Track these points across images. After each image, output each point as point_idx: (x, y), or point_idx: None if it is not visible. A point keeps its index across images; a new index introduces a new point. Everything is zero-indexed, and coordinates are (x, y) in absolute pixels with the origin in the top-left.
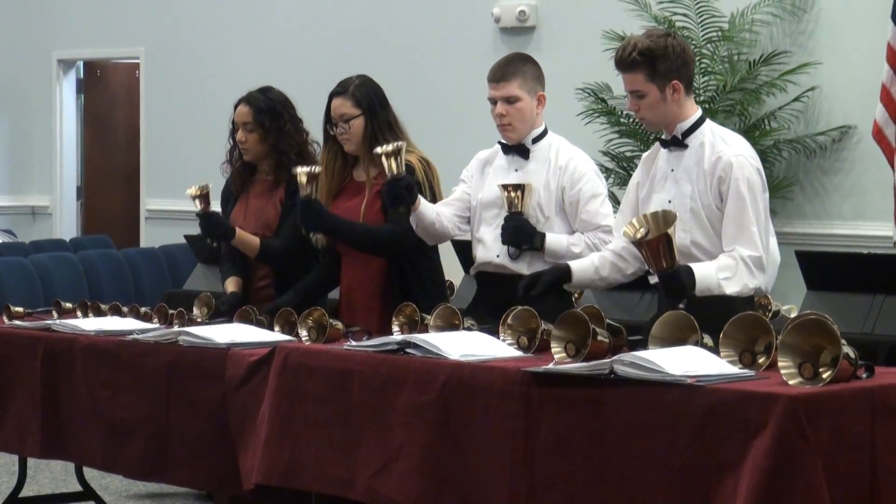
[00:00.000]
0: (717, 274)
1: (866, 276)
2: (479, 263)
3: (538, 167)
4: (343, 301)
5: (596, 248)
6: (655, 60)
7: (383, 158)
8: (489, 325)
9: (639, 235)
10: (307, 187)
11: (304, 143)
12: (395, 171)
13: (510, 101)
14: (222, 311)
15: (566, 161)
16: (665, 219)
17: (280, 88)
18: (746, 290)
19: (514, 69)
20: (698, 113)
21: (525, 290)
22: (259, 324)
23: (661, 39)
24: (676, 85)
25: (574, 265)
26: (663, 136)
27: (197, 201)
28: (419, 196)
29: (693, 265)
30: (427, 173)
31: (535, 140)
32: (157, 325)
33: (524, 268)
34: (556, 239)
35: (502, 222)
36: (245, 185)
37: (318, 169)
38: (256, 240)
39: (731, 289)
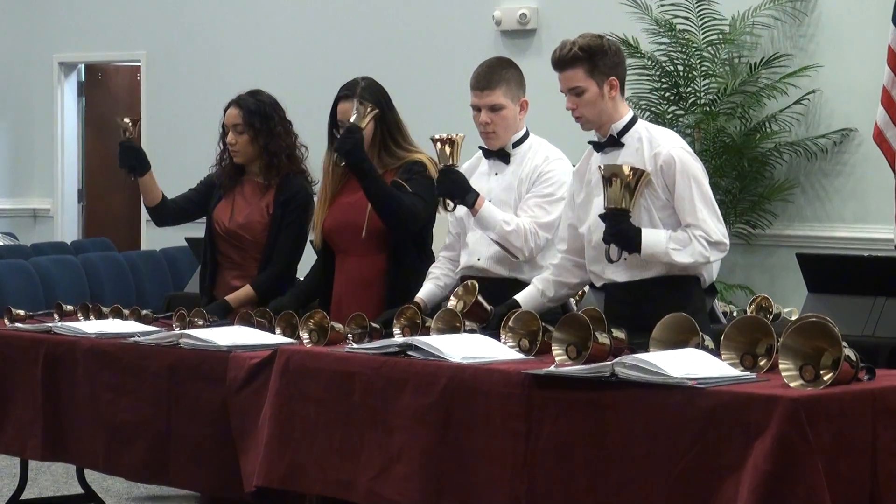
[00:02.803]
0: (668, 243)
1: (867, 279)
2: (463, 267)
3: (517, 170)
4: (336, 301)
5: (527, 235)
6: (594, 56)
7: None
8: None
9: (624, 170)
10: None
11: (294, 146)
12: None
13: (494, 108)
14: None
15: (541, 161)
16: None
17: (281, 91)
18: (701, 260)
19: (499, 77)
20: (631, 113)
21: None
22: (260, 326)
23: (597, 39)
24: (613, 82)
25: (521, 299)
26: (595, 140)
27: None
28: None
29: (643, 229)
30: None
31: (516, 144)
32: (159, 328)
33: (505, 271)
34: (490, 209)
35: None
36: (233, 184)
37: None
38: (249, 291)
39: (681, 258)
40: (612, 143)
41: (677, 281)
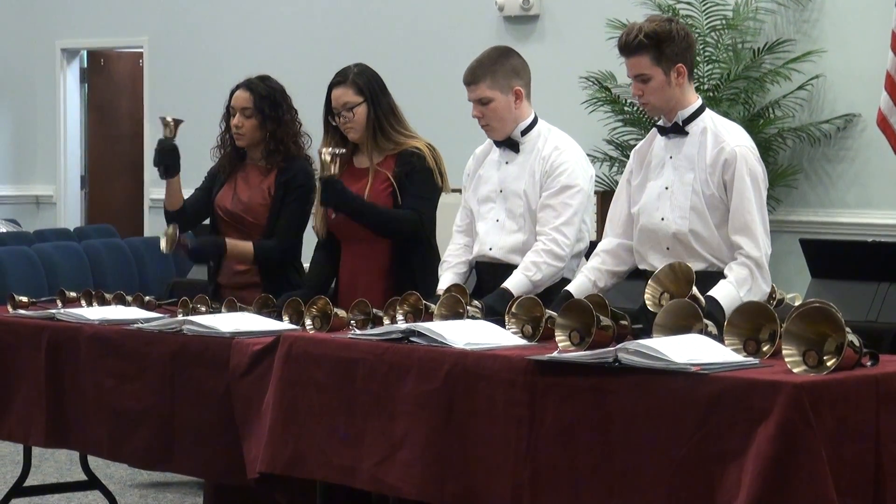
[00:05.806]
0: (739, 292)
1: (871, 264)
2: (475, 255)
3: (527, 158)
4: (343, 289)
5: (548, 261)
6: (661, 43)
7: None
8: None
9: (665, 303)
10: (330, 167)
11: (298, 134)
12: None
13: (482, 102)
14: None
15: (550, 150)
16: (682, 272)
17: (283, 77)
18: (763, 297)
19: (483, 70)
20: (699, 101)
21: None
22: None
23: (666, 24)
24: (681, 69)
25: (574, 289)
26: (661, 123)
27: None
28: None
29: (716, 294)
30: (435, 159)
31: (525, 132)
32: (162, 315)
33: (518, 259)
34: (516, 286)
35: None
36: (235, 169)
37: (342, 150)
38: (249, 245)
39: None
40: (676, 129)
41: (717, 277)
